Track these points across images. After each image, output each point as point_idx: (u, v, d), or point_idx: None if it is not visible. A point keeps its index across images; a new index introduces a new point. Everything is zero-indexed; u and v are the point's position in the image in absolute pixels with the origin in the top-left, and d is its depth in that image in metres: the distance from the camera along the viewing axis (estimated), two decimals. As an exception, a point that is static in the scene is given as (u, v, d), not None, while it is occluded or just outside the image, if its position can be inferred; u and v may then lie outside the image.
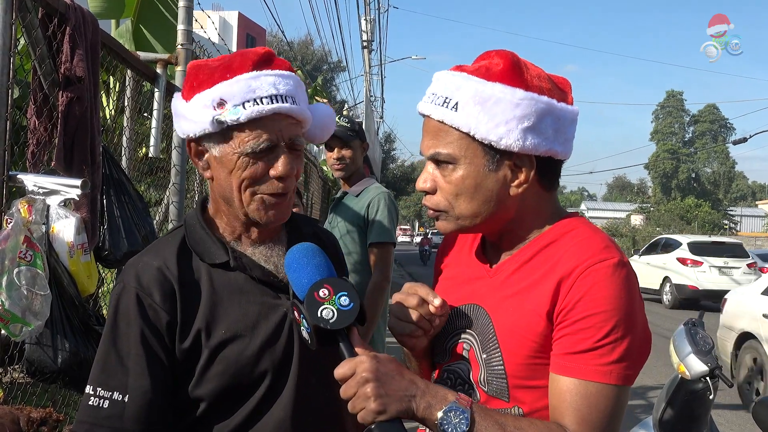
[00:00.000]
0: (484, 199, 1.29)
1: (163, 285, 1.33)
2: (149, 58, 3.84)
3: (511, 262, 1.34)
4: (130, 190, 3.19)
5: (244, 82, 1.32)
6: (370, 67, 28.27)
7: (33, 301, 2.23)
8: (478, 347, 1.32)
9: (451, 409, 1.15)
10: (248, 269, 1.39)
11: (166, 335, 1.32)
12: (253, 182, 1.36)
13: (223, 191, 1.40)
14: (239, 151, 1.34)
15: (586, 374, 1.19)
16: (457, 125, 1.26)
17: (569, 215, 1.37)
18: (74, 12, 2.64)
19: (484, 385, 1.30)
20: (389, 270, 3.60)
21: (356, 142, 3.76)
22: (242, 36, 34.08)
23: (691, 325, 3.35)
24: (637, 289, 1.25)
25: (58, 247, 2.50)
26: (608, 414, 1.20)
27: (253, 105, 1.31)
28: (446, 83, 1.30)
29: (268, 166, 1.35)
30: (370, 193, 3.70)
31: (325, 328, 1.18)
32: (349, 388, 1.15)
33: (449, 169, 1.30)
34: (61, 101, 2.59)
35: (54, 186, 2.45)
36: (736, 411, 6.72)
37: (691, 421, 3.16)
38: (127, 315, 1.32)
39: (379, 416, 1.13)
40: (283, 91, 1.34)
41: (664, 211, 54.25)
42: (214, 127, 1.33)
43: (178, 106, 1.41)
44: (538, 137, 1.26)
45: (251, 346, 1.34)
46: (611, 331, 1.19)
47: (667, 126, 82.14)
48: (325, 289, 1.21)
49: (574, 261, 1.23)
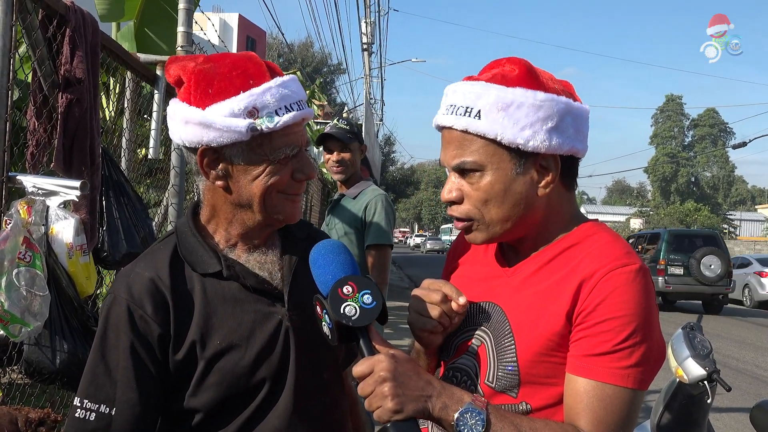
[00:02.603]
0: (513, 202, 1.31)
1: (155, 296, 1.32)
2: (149, 59, 3.84)
3: (531, 263, 1.36)
4: (130, 192, 3.19)
5: (275, 90, 1.33)
6: (370, 70, 28.30)
7: (32, 301, 2.24)
8: (490, 344, 1.33)
9: (467, 411, 1.17)
10: (242, 278, 1.38)
11: (157, 347, 1.31)
12: (281, 185, 1.38)
13: (240, 199, 1.38)
14: (271, 157, 1.34)
15: (603, 376, 1.21)
16: (483, 132, 1.28)
17: (590, 220, 1.40)
18: (74, 14, 2.65)
19: (491, 381, 1.31)
20: (387, 272, 3.61)
21: (355, 145, 3.77)
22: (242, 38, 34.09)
23: (689, 329, 3.34)
24: (654, 297, 1.26)
25: (57, 248, 2.51)
26: (623, 417, 1.21)
27: (285, 112, 1.33)
28: (464, 93, 1.31)
29: (293, 169, 1.38)
30: (367, 196, 3.70)
31: (348, 324, 1.19)
32: (367, 386, 1.16)
33: (476, 176, 1.31)
34: (61, 103, 2.59)
35: (53, 187, 2.46)
36: (735, 415, 6.72)
37: (689, 425, 3.15)
38: (117, 326, 1.31)
39: (395, 415, 1.14)
40: (300, 97, 1.38)
41: (664, 215, 54.35)
42: (247, 136, 1.31)
43: (188, 114, 1.33)
44: (561, 136, 1.29)
45: (247, 356, 1.34)
46: (630, 336, 1.21)
47: (666, 130, 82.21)
48: (349, 287, 1.22)
49: (596, 264, 1.25)
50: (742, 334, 13.13)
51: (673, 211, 54.15)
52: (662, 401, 3.23)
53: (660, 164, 76.85)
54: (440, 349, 1.44)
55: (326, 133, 3.78)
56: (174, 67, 1.37)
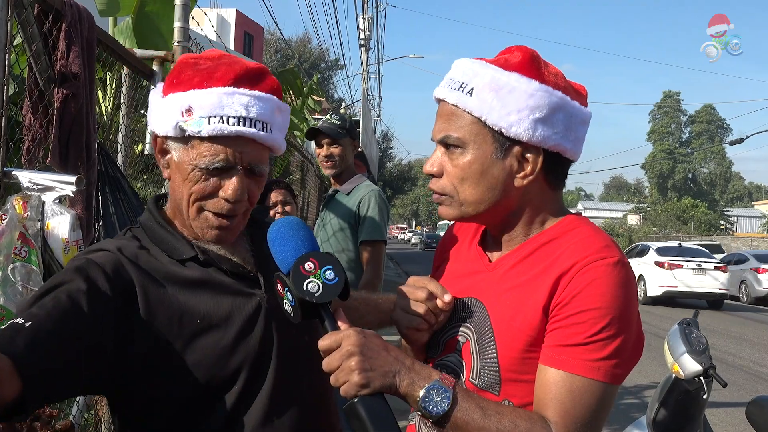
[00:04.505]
0: (488, 185, 1.30)
1: (118, 268, 1.26)
2: (146, 55, 3.83)
3: (511, 257, 1.35)
4: (126, 187, 3.18)
5: (216, 96, 1.28)
6: (368, 66, 28.26)
7: (28, 297, 2.23)
8: (473, 340, 1.32)
9: (433, 387, 1.16)
10: (217, 262, 1.37)
11: (112, 314, 1.21)
12: (201, 197, 1.33)
13: (176, 196, 1.37)
14: (194, 163, 1.31)
15: (573, 367, 1.20)
16: (470, 109, 1.28)
17: (572, 214, 1.38)
18: (70, 8, 2.64)
19: (475, 378, 1.31)
20: (381, 267, 3.61)
21: (346, 140, 3.75)
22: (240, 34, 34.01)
23: (685, 325, 3.36)
24: (634, 290, 1.25)
25: (53, 243, 2.50)
26: (591, 410, 1.20)
27: (218, 122, 1.27)
28: (464, 69, 1.32)
29: (220, 185, 1.33)
30: (360, 191, 3.70)
31: (311, 301, 1.18)
32: (333, 361, 1.15)
33: (457, 152, 1.31)
34: (57, 98, 2.58)
35: (49, 182, 2.45)
36: (730, 410, 6.74)
37: (685, 421, 3.16)
38: (72, 274, 1.21)
39: (362, 390, 1.13)
40: (253, 115, 1.29)
41: (661, 211, 54.42)
42: (176, 133, 1.30)
43: (154, 99, 1.37)
44: (548, 130, 1.27)
45: (227, 336, 1.31)
46: (604, 328, 1.19)
47: (663, 126, 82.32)
48: (310, 263, 1.20)
49: (574, 257, 1.24)
50: (739, 330, 13.17)
51: (670, 208, 54.21)
52: (658, 397, 3.24)
53: (657, 160, 76.98)
54: (428, 346, 1.43)
55: (315, 127, 3.78)
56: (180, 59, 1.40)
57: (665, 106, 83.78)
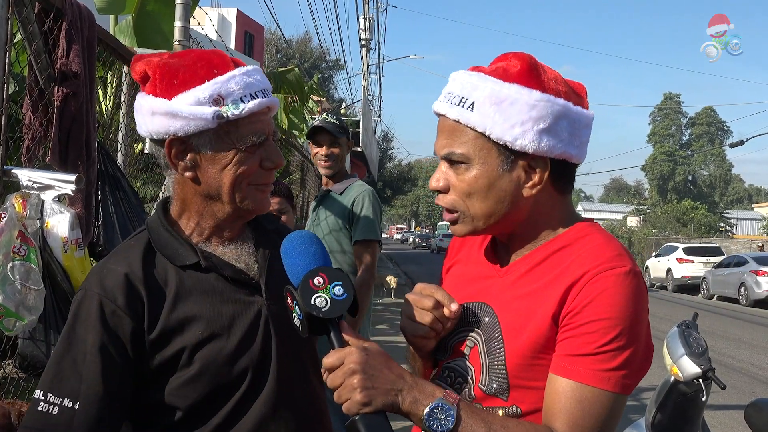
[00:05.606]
0: (497, 198, 1.29)
1: (128, 290, 1.30)
2: (145, 54, 3.83)
3: (522, 264, 1.34)
4: (125, 186, 3.19)
5: (240, 78, 1.34)
6: (368, 66, 28.28)
7: (27, 295, 2.23)
8: (482, 345, 1.32)
9: (437, 406, 1.15)
10: (219, 268, 1.38)
11: (129, 342, 1.29)
12: (250, 175, 1.38)
13: (209, 189, 1.38)
14: (238, 146, 1.35)
15: (583, 377, 1.19)
16: (473, 125, 1.26)
17: (584, 220, 1.37)
18: (71, 7, 2.64)
19: (483, 383, 1.30)
20: (374, 267, 3.61)
21: (343, 140, 3.78)
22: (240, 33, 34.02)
23: (684, 327, 3.35)
24: (646, 300, 1.24)
25: (52, 242, 2.50)
26: (600, 420, 1.19)
27: (251, 99, 1.34)
28: (463, 83, 1.30)
29: (260, 158, 1.38)
30: (354, 191, 3.70)
31: (318, 316, 1.18)
32: (336, 378, 1.15)
33: (462, 168, 1.29)
34: (57, 96, 2.59)
35: (49, 181, 2.45)
36: (729, 413, 6.74)
37: (683, 423, 3.16)
38: (86, 321, 1.28)
39: (363, 408, 1.13)
40: (265, 86, 1.39)
41: (661, 213, 54.35)
42: (213, 123, 1.32)
43: (154, 105, 1.35)
44: (553, 139, 1.26)
45: (229, 345, 1.33)
46: (615, 339, 1.18)
47: (664, 128, 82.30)
48: (320, 278, 1.20)
49: (585, 266, 1.23)
50: (738, 333, 13.17)
51: (670, 210, 54.18)
52: (657, 399, 3.24)
53: (657, 162, 76.90)
54: (436, 349, 1.42)
55: (318, 125, 3.78)
56: (139, 63, 1.40)
57: (665, 108, 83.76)
